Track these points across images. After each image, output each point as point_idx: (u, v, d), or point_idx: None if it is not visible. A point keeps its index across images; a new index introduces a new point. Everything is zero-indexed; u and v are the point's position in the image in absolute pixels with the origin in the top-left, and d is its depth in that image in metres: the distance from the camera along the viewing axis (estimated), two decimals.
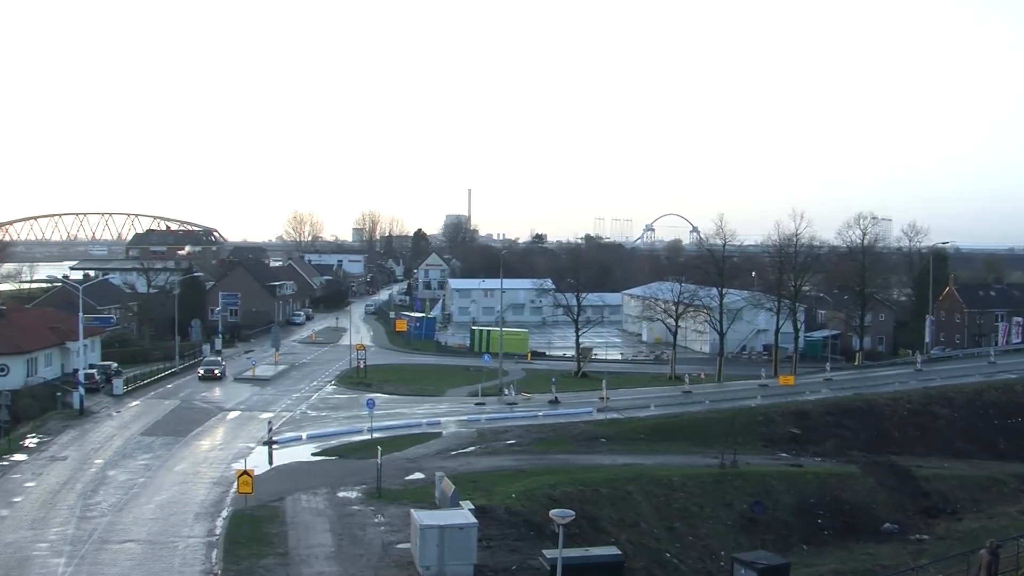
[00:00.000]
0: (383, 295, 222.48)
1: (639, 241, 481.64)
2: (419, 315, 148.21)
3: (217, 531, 39.95)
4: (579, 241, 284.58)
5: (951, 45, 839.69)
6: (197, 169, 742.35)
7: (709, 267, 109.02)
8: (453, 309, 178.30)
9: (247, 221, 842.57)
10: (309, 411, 74.47)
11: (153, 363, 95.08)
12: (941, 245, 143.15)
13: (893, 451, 68.81)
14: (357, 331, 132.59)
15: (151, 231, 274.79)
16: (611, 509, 48.26)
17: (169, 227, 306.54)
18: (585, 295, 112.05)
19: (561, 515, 27.65)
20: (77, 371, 75.00)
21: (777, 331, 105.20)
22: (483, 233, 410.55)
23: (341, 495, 45.97)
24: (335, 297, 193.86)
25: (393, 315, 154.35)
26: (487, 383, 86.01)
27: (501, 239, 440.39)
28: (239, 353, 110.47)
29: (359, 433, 63.99)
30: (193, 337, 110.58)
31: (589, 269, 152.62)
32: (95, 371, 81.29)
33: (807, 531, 52.38)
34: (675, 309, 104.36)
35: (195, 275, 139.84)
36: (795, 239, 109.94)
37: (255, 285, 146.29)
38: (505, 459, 56.63)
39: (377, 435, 61.77)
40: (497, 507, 42.95)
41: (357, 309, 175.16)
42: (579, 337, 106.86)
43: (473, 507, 38.77)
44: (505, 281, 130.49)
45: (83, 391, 70.37)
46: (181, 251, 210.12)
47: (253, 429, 65.00)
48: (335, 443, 61.71)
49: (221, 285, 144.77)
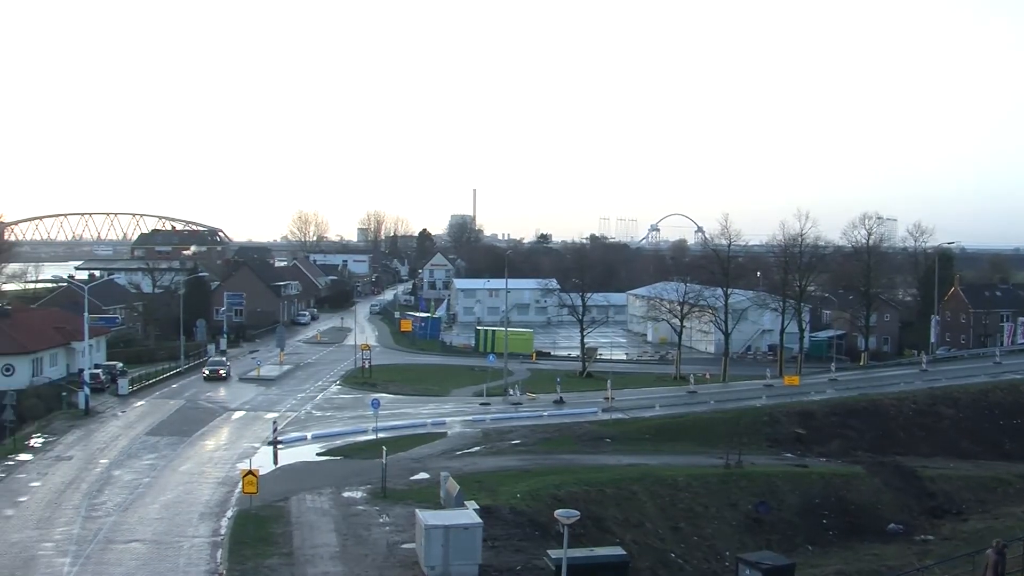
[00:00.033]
0: (388, 295, 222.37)
1: (644, 241, 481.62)
2: (424, 315, 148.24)
3: (222, 531, 39.94)
4: (584, 241, 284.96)
5: (956, 44, 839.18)
6: (202, 169, 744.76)
7: (714, 267, 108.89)
8: (458, 309, 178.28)
9: (252, 221, 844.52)
10: (314, 411, 74.53)
11: (158, 363, 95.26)
12: (946, 245, 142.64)
13: (898, 451, 68.65)
14: (362, 331, 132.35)
15: (156, 231, 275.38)
16: (616, 509, 48.21)
17: (174, 227, 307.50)
18: (590, 295, 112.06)
19: (566, 515, 27.63)
20: (82, 371, 75.02)
21: (782, 331, 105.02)
22: (488, 233, 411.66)
23: (346, 495, 45.95)
24: (340, 297, 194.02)
25: (398, 315, 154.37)
26: (492, 383, 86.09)
27: (506, 239, 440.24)
28: (244, 353, 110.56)
29: (364, 433, 63.97)
30: (198, 337, 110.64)
31: (594, 269, 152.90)
32: (100, 371, 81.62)
33: (812, 531, 52.26)
34: (680, 309, 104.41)
35: (200, 275, 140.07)
36: (800, 239, 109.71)
37: (260, 285, 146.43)
38: (510, 459, 56.60)
39: (382, 435, 61.87)
40: (502, 507, 42.89)
41: (362, 309, 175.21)
42: (584, 337, 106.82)
43: (478, 507, 38.80)
44: (510, 281, 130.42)
45: (88, 391, 70.54)
46: (186, 251, 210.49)
47: (258, 429, 65.04)
48: (340, 443, 61.73)
49: (226, 285, 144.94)
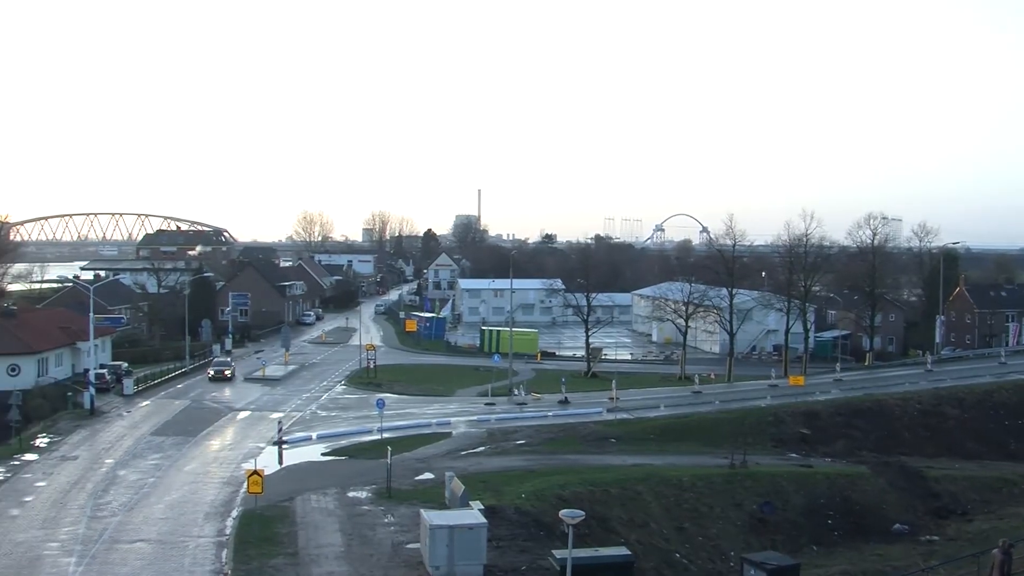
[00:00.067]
0: (393, 295, 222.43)
1: (649, 241, 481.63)
2: (429, 315, 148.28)
3: (227, 531, 39.98)
4: (589, 241, 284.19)
5: (961, 43, 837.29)
6: (207, 170, 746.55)
7: (719, 267, 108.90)
8: (463, 309, 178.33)
9: (257, 221, 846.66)
10: (319, 411, 74.56)
11: (163, 363, 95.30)
12: (951, 245, 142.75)
13: (903, 452, 68.56)
14: (367, 331, 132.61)
15: (162, 231, 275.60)
16: (621, 509, 48.17)
17: (180, 227, 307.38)
18: (595, 295, 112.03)
19: (571, 515, 27.65)
20: (88, 371, 75.21)
21: (787, 331, 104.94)
22: (493, 233, 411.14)
23: (351, 495, 46.00)
24: (345, 297, 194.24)
25: (403, 315, 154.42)
26: (497, 383, 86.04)
27: (511, 239, 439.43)
28: (249, 353, 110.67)
29: (369, 433, 64.05)
30: (203, 337, 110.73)
31: (599, 269, 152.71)
32: (106, 371, 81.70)
33: (817, 532, 52.18)
34: (685, 309, 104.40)
35: (205, 275, 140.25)
36: (805, 239, 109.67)
37: (265, 285, 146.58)
38: (515, 459, 56.61)
39: (387, 435, 61.86)
40: (507, 507, 42.89)
41: (367, 309, 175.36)
42: (589, 337, 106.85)
43: (483, 507, 38.79)
44: (515, 281, 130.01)
45: (94, 391, 70.69)
46: (191, 251, 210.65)
47: (263, 429, 65.12)
48: (345, 443, 61.77)
49: (231, 285, 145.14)
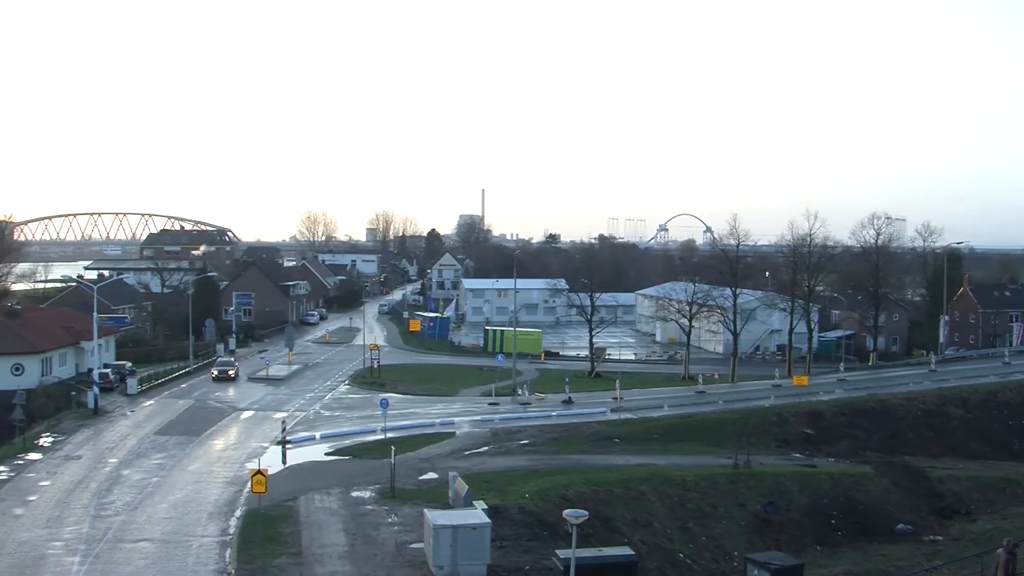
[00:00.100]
0: (397, 295, 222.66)
1: (653, 241, 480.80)
2: (433, 315, 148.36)
3: (231, 530, 40.04)
4: (593, 241, 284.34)
5: (964, 43, 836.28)
6: (211, 169, 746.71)
7: (723, 267, 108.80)
8: (467, 309, 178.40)
9: (261, 221, 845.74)
10: (323, 411, 74.58)
11: (167, 363, 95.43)
12: (955, 245, 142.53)
13: (907, 452, 68.48)
14: (371, 331, 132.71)
15: (165, 231, 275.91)
16: (624, 509, 48.16)
17: (183, 227, 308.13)
18: (599, 295, 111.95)
19: (575, 515, 27.64)
20: (91, 370, 75.18)
21: (791, 331, 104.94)
22: (497, 233, 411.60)
23: (355, 495, 46.02)
24: (349, 297, 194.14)
25: (407, 315, 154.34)
26: (501, 383, 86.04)
27: (515, 239, 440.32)
28: (253, 353, 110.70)
29: (373, 433, 64.03)
30: (207, 337, 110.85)
31: (603, 269, 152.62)
32: (109, 371, 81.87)
33: (821, 532, 52.15)
34: (689, 309, 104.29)
35: (209, 275, 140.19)
36: (809, 239, 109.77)
37: (269, 285, 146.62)
38: (519, 459, 56.60)
39: (391, 435, 61.88)
40: (511, 507, 42.91)
41: (371, 309, 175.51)
42: (593, 337, 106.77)
43: (486, 507, 38.75)
44: (519, 281, 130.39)
45: (97, 390, 70.73)
46: (195, 251, 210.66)
47: (267, 429, 65.15)
48: (349, 443, 61.77)
49: (235, 285, 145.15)
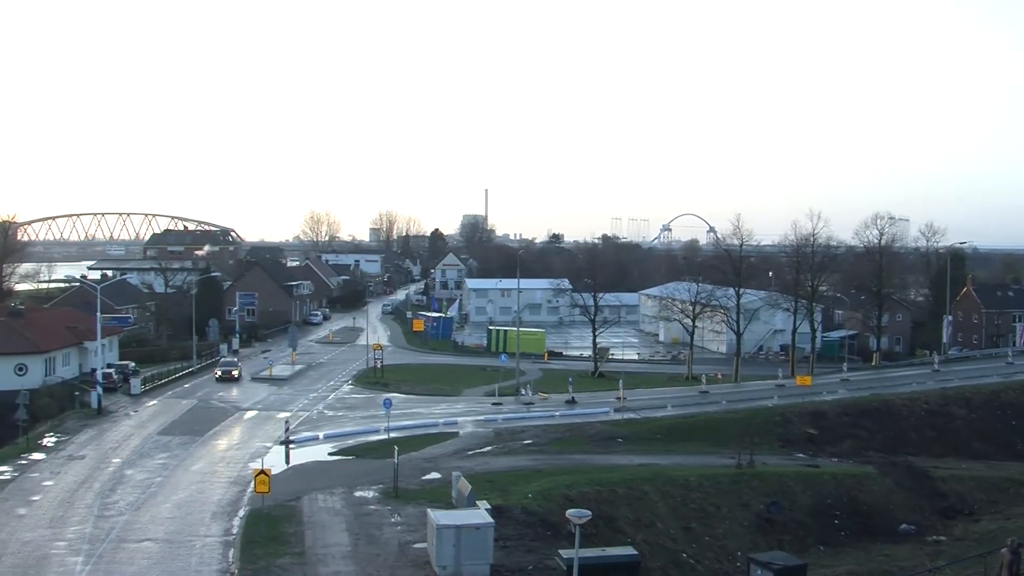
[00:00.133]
0: (400, 295, 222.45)
1: (656, 241, 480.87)
2: (436, 315, 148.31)
3: (234, 530, 40.04)
4: (596, 241, 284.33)
5: (967, 43, 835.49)
6: (215, 169, 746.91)
7: (726, 267, 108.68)
8: (470, 309, 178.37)
9: (264, 221, 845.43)
10: (326, 411, 74.61)
11: (170, 363, 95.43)
12: (959, 245, 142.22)
13: (910, 452, 68.48)
14: (374, 331, 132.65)
15: (169, 231, 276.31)
16: (628, 509, 48.17)
17: (187, 227, 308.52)
18: (602, 295, 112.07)
19: (578, 515, 27.64)
20: (95, 370, 75.26)
21: (794, 331, 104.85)
22: (500, 233, 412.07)
23: (358, 495, 46.02)
24: (352, 297, 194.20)
25: (410, 315, 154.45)
26: (504, 383, 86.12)
27: (518, 239, 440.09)
28: (256, 353, 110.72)
29: (376, 433, 64.04)
30: (210, 337, 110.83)
31: (606, 269, 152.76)
32: (113, 371, 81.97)
33: (824, 532, 52.14)
34: (692, 309, 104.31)
35: (212, 275, 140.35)
36: (812, 239, 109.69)
37: (272, 285, 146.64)
38: (522, 459, 56.60)
39: (394, 435, 61.95)
40: (514, 507, 42.92)
41: (374, 309, 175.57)
42: (596, 337, 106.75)
43: (490, 507, 38.79)
44: (522, 281, 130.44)
45: (101, 390, 70.84)
46: (199, 251, 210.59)
47: (270, 429, 65.17)
48: (352, 443, 61.80)
49: (238, 285, 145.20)
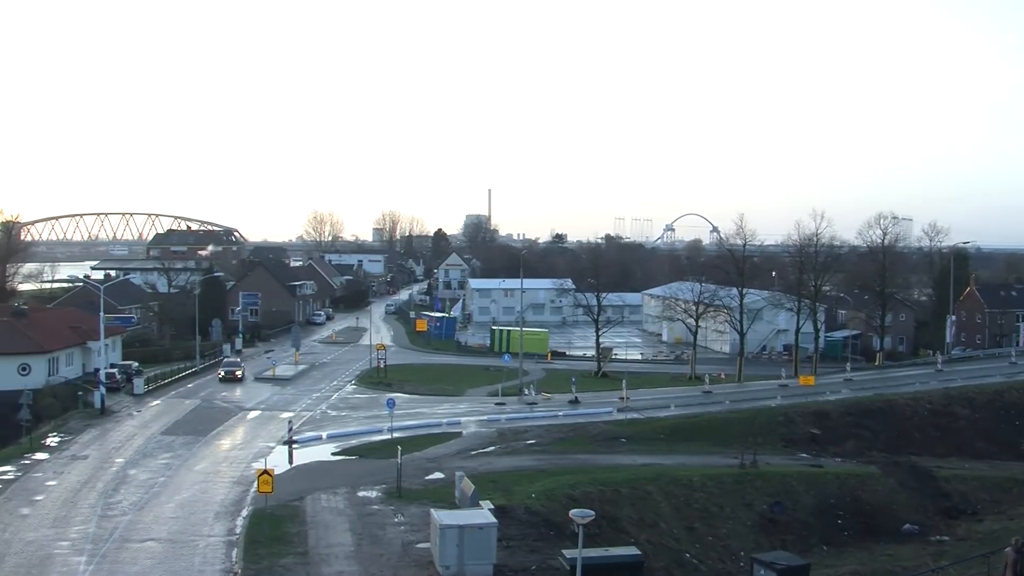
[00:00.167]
0: (403, 295, 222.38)
1: (659, 241, 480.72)
2: (439, 315, 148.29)
3: (237, 530, 40.03)
4: (599, 241, 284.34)
5: (970, 43, 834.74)
6: (218, 169, 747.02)
7: (729, 267, 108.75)
8: (473, 309, 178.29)
9: (267, 221, 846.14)
10: (329, 411, 74.62)
11: (174, 363, 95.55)
12: (962, 245, 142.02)
13: (913, 452, 68.42)
14: (377, 331, 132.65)
15: (172, 231, 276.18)
16: (631, 509, 48.14)
17: (190, 227, 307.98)
18: (605, 295, 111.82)
19: (581, 515, 27.60)
20: (98, 370, 75.40)
21: (797, 331, 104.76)
22: (503, 233, 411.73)
23: (361, 495, 46.01)
24: (355, 297, 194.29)
25: (413, 315, 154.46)
26: (507, 383, 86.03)
27: (521, 239, 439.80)
28: (259, 353, 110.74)
29: (379, 433, 63.99)
30: (214, 337, 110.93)
31: (609, 269, 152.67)
32: (116, 370, 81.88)
33: (827, 532, 52.10)
34: (695, 309, 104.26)
35: (215, 275, 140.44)
36: (815, 239, 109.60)
37: (275, 285, 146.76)
38: (525, 459, 56.56)
39: (397, 435, 61.95)
40: (517, 507, 42.88)
41: (377, 309, 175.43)
42: (599, 337, 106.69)
43: (493, 507, 38.81)
44: (525, 281, 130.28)
45: (104, 390, 70.89)
46: (202, 251, 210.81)
47: (273, 429, 65.17)
48: (355, 443, 61.79)
49: (241, 285, 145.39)
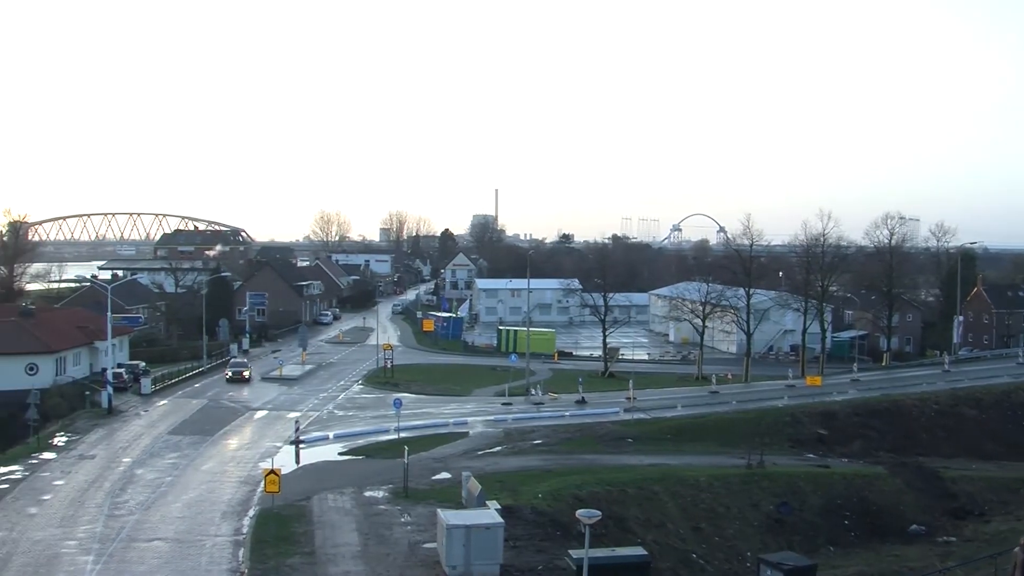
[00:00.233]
0: (410, 295, 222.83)
1: (666, 241, 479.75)
2: (446, 315, 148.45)
3: (244, 530, 40.10)
4: (606, 241, 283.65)
5: (978, 42, 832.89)
6: (225, 169, 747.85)
7: (736, 267, 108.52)
8: (480, 309, 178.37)
9: (275, 221, 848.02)
10: (336, 411, 74.70)
11: (181, 362, 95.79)
12: (969, 245, 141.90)
13: (920, 452, 68.21)
14: (384, 331, 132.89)
15: (179, 231, 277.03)
16: (637, 509, 48.10)
17: (197, 227, 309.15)
18: (612, 295, 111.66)
19: (588, 515, 27.59)
20: (105, 370, 75.42)
21: (804, 331, 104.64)
22: (510, 233, 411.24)
23: (368, 495, 46.04)
24: (362, 297, 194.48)
25: (420, 315, 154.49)
26: (514, 383, 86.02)
27: (528, 239, 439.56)
28: (266, 353, 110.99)
29: (386, 433, 64.12)
30: (221, 337, 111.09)
31: (616, 269, 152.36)
32: (123, 370, 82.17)
33: (834, 532, 52.01)
34: (702, 309, 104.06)
35: (223, 275, 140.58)
36: (822, 239, 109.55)
37: (282, 285, 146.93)
38: (532, 459, 56.55)
39: (404, 435, 62.02)
40: (524, 507, 42.87)
41: (384, 309, 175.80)
42: (606, 337, 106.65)
43: (500, 507, 38.72)
44: (532, 281, 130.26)
45: (111, 390, 71.04)
46: (209, 251, 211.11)
47: (280, 428, 65.30)
48: (362, 443, 61.86)
49: (249, 285, 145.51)
